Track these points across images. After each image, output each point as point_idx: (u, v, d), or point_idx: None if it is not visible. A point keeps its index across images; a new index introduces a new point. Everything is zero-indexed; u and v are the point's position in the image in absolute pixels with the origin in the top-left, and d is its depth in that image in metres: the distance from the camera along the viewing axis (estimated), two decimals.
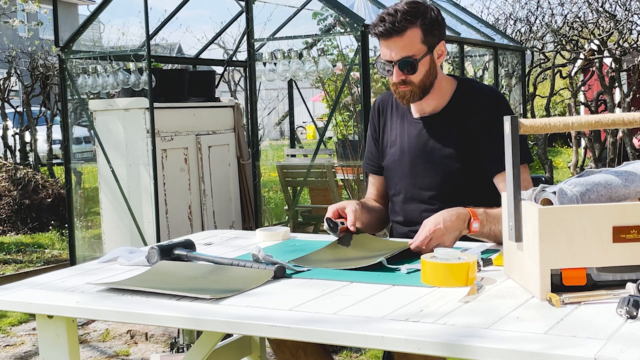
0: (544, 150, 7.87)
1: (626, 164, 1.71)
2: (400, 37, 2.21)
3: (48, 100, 9.96)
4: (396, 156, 2.42)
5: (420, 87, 2.27)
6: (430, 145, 2.34)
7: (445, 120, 2.33)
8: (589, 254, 1.53)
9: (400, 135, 2.42)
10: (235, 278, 1.80)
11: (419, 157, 2.36)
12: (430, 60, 2.26)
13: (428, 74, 2.27)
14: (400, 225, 2.43)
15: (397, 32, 2.20)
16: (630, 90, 7.48)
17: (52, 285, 1.87)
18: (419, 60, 2.23)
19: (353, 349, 3.83)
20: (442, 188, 2.32)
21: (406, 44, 2.22)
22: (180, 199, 5.19)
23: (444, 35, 2.32)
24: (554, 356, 1.23)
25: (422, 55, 2.24)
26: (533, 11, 8.93)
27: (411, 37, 2.22)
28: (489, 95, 2.32)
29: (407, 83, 2.26)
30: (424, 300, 1.57)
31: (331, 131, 8.66)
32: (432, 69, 2.27)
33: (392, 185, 2.46)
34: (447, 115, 2.33)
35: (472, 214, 2.06)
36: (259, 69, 4.99)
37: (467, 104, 2.31)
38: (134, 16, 21.27)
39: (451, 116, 2.32)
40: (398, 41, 2.22)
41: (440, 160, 2.32)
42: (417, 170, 2.36)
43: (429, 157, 2.34)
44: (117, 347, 4.11)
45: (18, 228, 7.85)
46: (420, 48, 2.24)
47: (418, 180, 2.36)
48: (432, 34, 2.25)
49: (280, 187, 6.61)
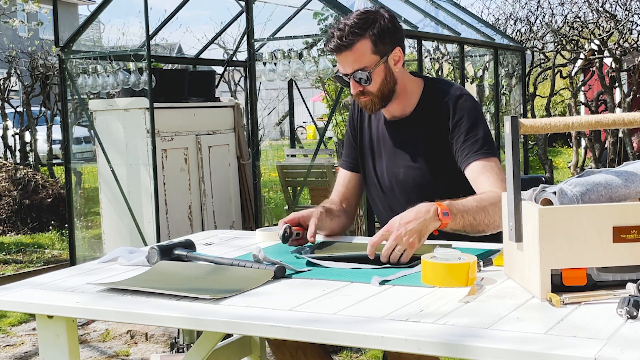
0: (544, 150, 7.87)
1: (626, 164, 1.71)
2: (350, 51, 2.21)
3: (48, 100, 9.96)
4: (368, 155, 2.44)
5: (379, 96, 2.28)
6: (400, 148, 2.35)
7: (413, 123, 2.34)
8: (589, 254, 1.52)
9: (375, 136, 2.44)
10: (235, 278, 1.80)
11: (390, 160, 2.37)
12: (385, 68, 2.26)
13: (385, 82, 2.27)
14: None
15: (346, 46, 2.20)
16: (631, 90, 7.48)
17: (52, 285, 1.87)
18: (371, 71, 2.23)
19: (353, 349, 3.83)
20: (417, 190, 2.31)
21: (356, 57, 2.22)
22: (180, 199, 5.19)
23: (400, 41, 2.29)
24: (554, 356, 1.23)
25: (374, 65, 2.23)
26: (533, 11, 8.94)
27: (360, 49, 2.21)
28: (453, 95, 2.30)
29: (365, 93, 2.27)
30: (424, 300, 1.57)
31: (331, 131, 8.66)
32: (388, 77, 2.27)
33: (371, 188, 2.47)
34: (415, 118, 2.34)
35: (437, 204, 1.98)
36: (259, 69, 5.00)
37: (434, 108, 2.32)
38: (134, 16, 21.26)
39: (419, 119, 2.33)
40: (349, 55, 2.22)
41: (410, 164, 2.33)
42: (389, 172, 2.38)
43: (399, 160, 2.35)
44: (117, 347, 4.11)
45: (18, 228, 7.85)
46: (372, 59, 2.23)
47: (392, 183, 2.37)
48: (384, 42, 2.23)
49: (280, 187, 6.61)
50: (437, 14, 6.46)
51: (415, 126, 2.33)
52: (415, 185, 2.31)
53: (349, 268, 1.89)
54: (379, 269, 1.85)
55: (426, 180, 2.31)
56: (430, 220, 1.94)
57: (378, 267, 1.87)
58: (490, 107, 7.39)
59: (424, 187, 2.31)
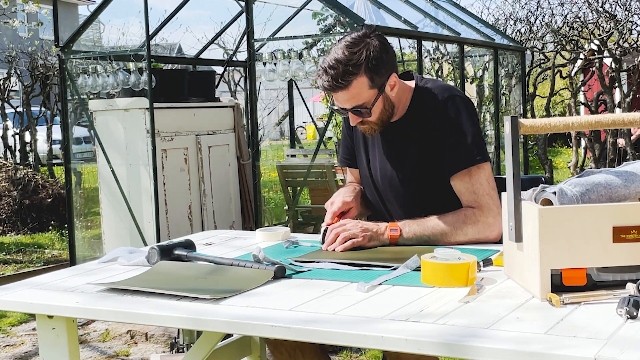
0: (544, 150, 7.87)
1: (626, 164, 1.71)
2: (347, 90, 2.14)
3: (48, 100, 9.96)
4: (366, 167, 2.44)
5: (379, 123, 2.25)
6: (392, 151, 2.34)
7: (404, 127, 2.31)
8: (589, 254, 1.53)
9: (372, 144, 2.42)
10: (235, 278, 1.80)
11: (384, 162, 2.36)
12: (383, 99, 2.21)
13: (384, 110, 2.23)
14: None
15: (342, 87, 2.13)
16: (630, 90, 7.48)
17: (52, 285, 1.87)
18: (371, 107, 2.19)
19: (353, 349, 3.83)
20: (408, 193, 2.31)
21: (354, 94, 2.15)
22: (180, 199, 5.19)
23: (394, 66, 2.22)
24: (554, 356, 1.23)
25: (373, 100, 2.18)
26: (533, 11, 8.94)
27: (357, 87, 2.14)
28: (441, 99, 2.25)
29: (366, 122, 2.24)
30: (424, 300, 1.57)
31: (331, 131, 8.67)
32: (387, 105, 2.23)
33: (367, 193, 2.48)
34: (406, 123, 2.31)
35: (390, 224, 2.15)
36: (259, 69, 4.99)
37: (423, 111, 2.28)
38: (134, 16, 21.28)
39: (409, 123, 2.30)
40: (345, 94, 2.15)
41: (402, 168, 2.31)
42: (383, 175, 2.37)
43: (391, 163, 2.34)
44: (117, 347, 4.12)
45: (18, 228, 7.85)
46: (370, 94, 2.17)
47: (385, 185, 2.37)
48: (380, 74, 2.16)
49: (280, 187, 6.61)
50: (437, 14, 6.46)
51: (406, 130, 2.30)
52: (407, 188, 2.31)
53: (327, 268, 1.90)
54: (358, 271, 1.86)
55: (417, 183, 2.30)
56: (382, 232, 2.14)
57: (357, 269, 1.88)
58: (490, 107, 7.40)
59: (416, 189, 2.30)
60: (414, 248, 2.06)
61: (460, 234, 2.14)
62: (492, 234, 2.15)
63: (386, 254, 2.03)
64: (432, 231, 2.13)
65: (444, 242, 2.12)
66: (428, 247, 1.97)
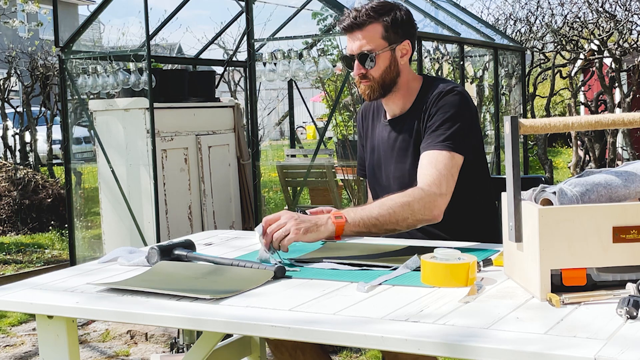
0: (544, 150, 7.87)
1: (626, 164, 1.71)
2: (361, 31, 2.30)
3: (48, 100, 9.96)
4: (373, 159, 2.48)
5: (379, 82, 2.32)
6: (397, 145, 2.38)
7: (409, 120, 2.36)
8: (589, 254, 1.52)
9: (377, 139, 2.47)
10: (235, 278, 1.80)
11: (389, 159, 2.41)
12: (390, 56, 2.31)
13: (388, 70, 2.31)
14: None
15: (358, 26, 2.29)
16: (630, 90, 7.48)
17: (52, 285, 1.87)
18: (377, 54, 2.29)
19: (353, 349, 3.83)
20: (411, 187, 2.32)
21: (366, 38, 2.30)
22: (180, 199, 5.19)
23: (412, 36, 2.36)
24: (554, 356, 1.23)
25: (381, 49, 2.30)
26: (533, 11, 8.93)
27: (371, 31, 2.29)
28: (442, 89, 2.31)
29: (367, 78, 2.31)
30: (424, 300, 1.57)
31: (331, 131, 8.67)
32: (392, 66, 2.32)
33: (371, 188, 2.53)
34: (411, 115, 2.36)
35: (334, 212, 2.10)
36: (259, 69, 4.99)
37: (425, 102, 2.34)
38: (134, 16, 21.29)
39: (414, 115, 2.35)
40: (358, 34, 2.30)
41: (406, 160, 2.35)
42: (388, 171, 2.41)
43: (397, 157, 2.38)
44: (117, 347, 4.11)
45: (18, 228, 7.85)
46: (380, 43, 2.30)
47: (390, 181, 2.40)
48: (395, 32, 2.31)
49: (280, 187, 6.61)
50: (437, 14, 6.46)
51: (411, 122, 2.35)
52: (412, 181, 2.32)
53: (327, 268, 1.90)
54: (358, 271, 1.86)
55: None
56: (323, 222, 2.02)
57: (357, 269, 1.88)
58: (490, 107, 7.40)
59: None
60: (414, 248, 2.06)
61: (407, 210, 2.09)
62: (435, 211, 2.13)
63: (386, 254, 2.03)
64: (378, 211, 2.09)
65: (393, 222, 2.09)
66: (428, 247, 1.97)
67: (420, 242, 2.21)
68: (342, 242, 2.24)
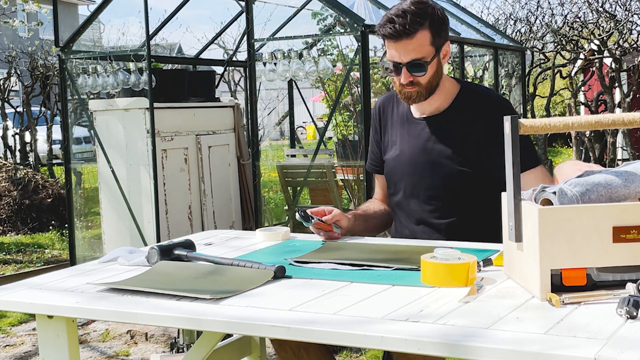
0: (544, 150, 7.87)
1: (626, 164, 1.71)
2: (410, 40, 2.20)
3: (48, 100, 9.96)
4: (396, 155, 2.43)
5: (427, 88, 2.27)
6: (431, 145, 2.34)
7: (447, 122, 2.33)
8: (589, 254, 1.52)
9: (401, 135, 2.42)
10: (235, 278, 1.80)
11: (419, 157, 2.36)
12: (437, 61, 2.26)
13: (435, 75, 2.27)
14: (400, 223, 2.44)
15: (408, 34, 2.19)
16: (630, 90, 7.48)
17: (52, 285, 1.87)
18: (428, 63, 2.23)
19: (353, 349, 3.83)
20: (441, 188, 2.32)
21: (416, 46, 2.21)
22: (180, 199, 5.19)
23: (448, 35, 2.32)
24: (554, 356, 1.23)
25: (431, 57, 2.24)
26: (533, 11, 8.93)
27: (421, 39, 2.21)
28: (496, 101, 2.31)
29: (415, 84, 2.26)
30: (424, 300, 1.57)
31: (331, 131, 8.66)
32: (438, 70, 2.28)
33: (391, 184, 2.47)
34: (449, 117, 2.33)
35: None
36: (259, 69, 4.99)
37: (472, 109, 2.31)
38: (134, 16, 21.26)
39: (454, 118, 2.32)
40: (408, 43, 2.21)
41: (439, 161, 2.32)
42: (416, 169, 2.37)
43: (428, 157, 2.34)
44: (117, 347, 4.11)
45: (18, 228, 7.85)
46: (429, 50, 2.23)
47: (417, 179, 2.37)
48: (440, 35, 2.25)
49: (280, 187, 6.61)
50: None
51: (450, 124, 2.32)
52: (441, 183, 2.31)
53: (327, 269, 1.90)
54: (358, 271, 1.86)
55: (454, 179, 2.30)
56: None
57: (357, 269, 1.88)
58: None
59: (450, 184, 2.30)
60: (414, 248, 2.06)
61: None
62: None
63: (386, 254, 2.03)
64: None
65: None
66: (427, 247, 1.96)
67: (420, 242, 2.21)
68: (342, 242, 2.24)
